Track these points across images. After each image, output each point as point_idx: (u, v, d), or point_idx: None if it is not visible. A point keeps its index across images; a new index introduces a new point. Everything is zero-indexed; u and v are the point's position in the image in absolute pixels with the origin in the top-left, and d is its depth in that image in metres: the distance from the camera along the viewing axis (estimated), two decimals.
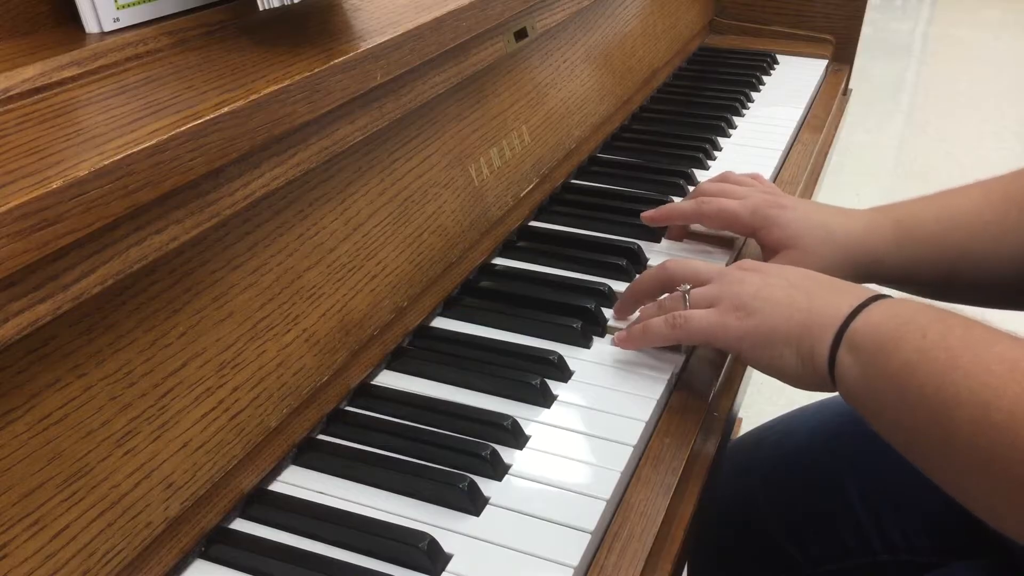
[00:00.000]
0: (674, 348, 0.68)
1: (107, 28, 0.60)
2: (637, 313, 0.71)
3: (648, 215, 0.83)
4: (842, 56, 1.35)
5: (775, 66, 1.30)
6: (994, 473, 0.46)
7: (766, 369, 0.63)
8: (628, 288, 0.72)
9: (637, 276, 0.73)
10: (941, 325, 0.52)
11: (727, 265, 0.72)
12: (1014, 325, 0.52)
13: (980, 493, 0.49)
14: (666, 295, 0.68)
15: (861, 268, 0.73)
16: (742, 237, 0.85)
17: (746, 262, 0.67)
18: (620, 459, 0.58)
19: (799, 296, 0.60)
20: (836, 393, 0.58)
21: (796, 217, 0.74)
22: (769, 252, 0.75)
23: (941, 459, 0.50)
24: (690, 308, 0.65)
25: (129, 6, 0.61)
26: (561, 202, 0.91)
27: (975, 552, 0.70)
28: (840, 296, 0.59)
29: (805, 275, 0.63)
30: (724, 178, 0.84)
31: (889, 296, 0.58)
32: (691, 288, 0.66)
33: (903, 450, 0.54)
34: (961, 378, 0.48)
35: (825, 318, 0.58)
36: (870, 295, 0.58)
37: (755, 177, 0.84)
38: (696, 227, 0.86)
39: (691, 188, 0.95)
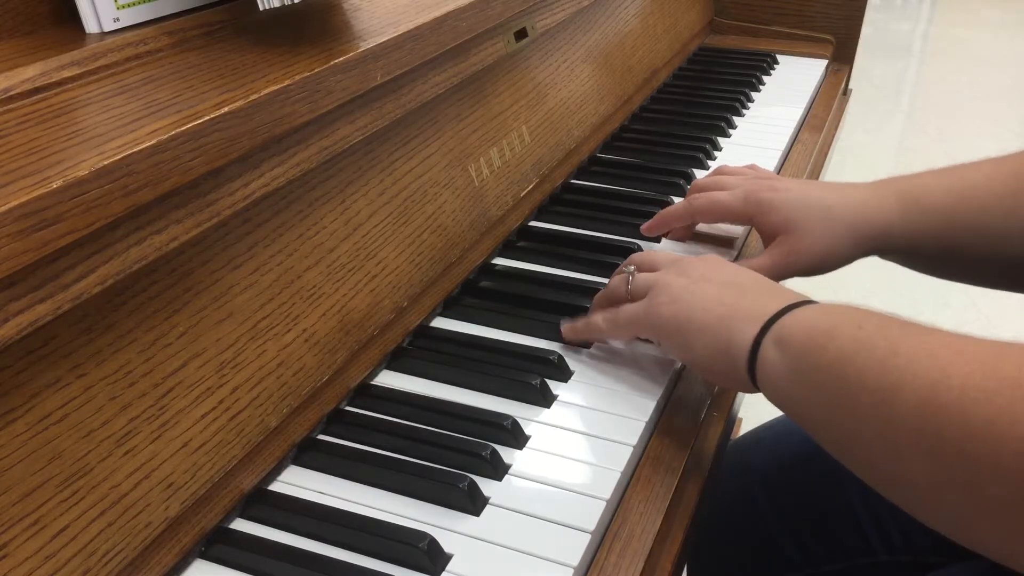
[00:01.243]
0: None
1: (107, 28, 0.60)
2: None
3: (645, 226, 0.83)
4: (842, 56, 1.35)
5: (775, 66, 1.30)
6: (944, 458, 0.44)
7: (678, 356, 0.64)
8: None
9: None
10: (876, 318, 0.51)
11: None
12: (1011, 314, 0.51)
13: (927, 486, 0.46)
14: (615, 276, 0.69)
15: (866, 241, 0.72)
16: (741, 236, 0.85)
17: (710, 256, 0.67)
18: (620, 459, 0.58)
19: (729, 292, 0.60)
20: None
21: (790, 198, 0.73)
22: (768, 237, 0.75)
23: (883, 453, 0.48)
24: (630, 290, 0.65)
25: (129, 6, 0.61)
26: (561, 202, 0.91)
27: (975, 552, 0.70)
28: (771, 298, 0.58)
29: (751, 276, 0.63)
30: (719, 171, 0.84)
31: (820, 303, 0.57)
32: (638, 271, 0.66)
33: (836, 450, 0.52)
34: (905, 363, 0.46)
35: (749, 314, 0.57)
36: (801, 299, 0.57)
37: (751, 167, 0.84)
38: (701, 226, 0.86)
39: None
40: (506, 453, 0.59)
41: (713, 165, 1.01)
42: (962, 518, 0.45)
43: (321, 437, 0.61)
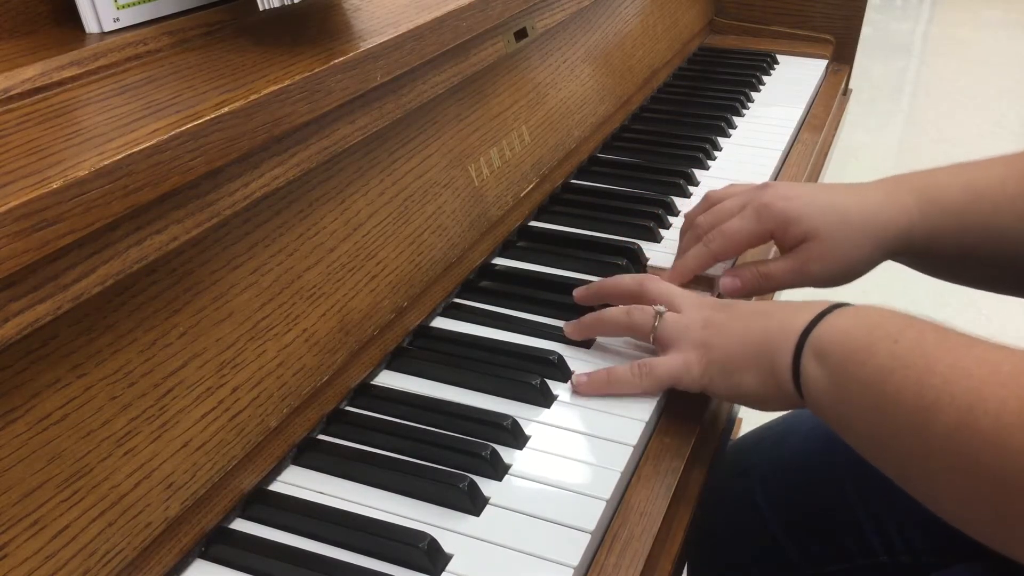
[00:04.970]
0: None
1: (107, 28, 0.60)
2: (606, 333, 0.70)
3: (669, 277, 0.75)
4: (842, 56, 1.35)
5: (775, 66, 1.30)
6: (978, 479, 0.45)
7: (730, 398, 0.63)
8: (602, 281, 0.71)
9: (617, 276, 0.72)
10: (913, 330, 0.51)
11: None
12: (1011, 314, 0.51)
13: (960, 501, 0.47)
14: (637, 306, 0.67)
15: (887, 243, 0.70)
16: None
17: (726, 301, 0.67)
18: (620, 459, 0.58)
19: (755, 320, 0.60)
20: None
21: (805, 204, 0.70)
22: (788, 250, 0.71)
23: (920, 468, 0.49)
24: (656, 336, 0.64)
25: (129, 6, 0.61)
26: (561, 202, 0.91)
27: (975, 553, 0.70)
28: (797, 312, 0.58)
29: (770, 303, 0.63)
30: (708, 200, 0.78)
31: (851, 304, 0.57)
32: (666, 311, 0.65)
33: (876, 461, 0.53)
34: (941, 383, 0.47)
35: (783, 332, 0.57)
36: (830, 304, 0.57)
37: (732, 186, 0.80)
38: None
39: (691, 188, 0.95)
40: (506, 453, 0.59)
41: (713, 165, 1.01)
42: (995, 532, 0.46)
43: (321, 437, 0.61)
